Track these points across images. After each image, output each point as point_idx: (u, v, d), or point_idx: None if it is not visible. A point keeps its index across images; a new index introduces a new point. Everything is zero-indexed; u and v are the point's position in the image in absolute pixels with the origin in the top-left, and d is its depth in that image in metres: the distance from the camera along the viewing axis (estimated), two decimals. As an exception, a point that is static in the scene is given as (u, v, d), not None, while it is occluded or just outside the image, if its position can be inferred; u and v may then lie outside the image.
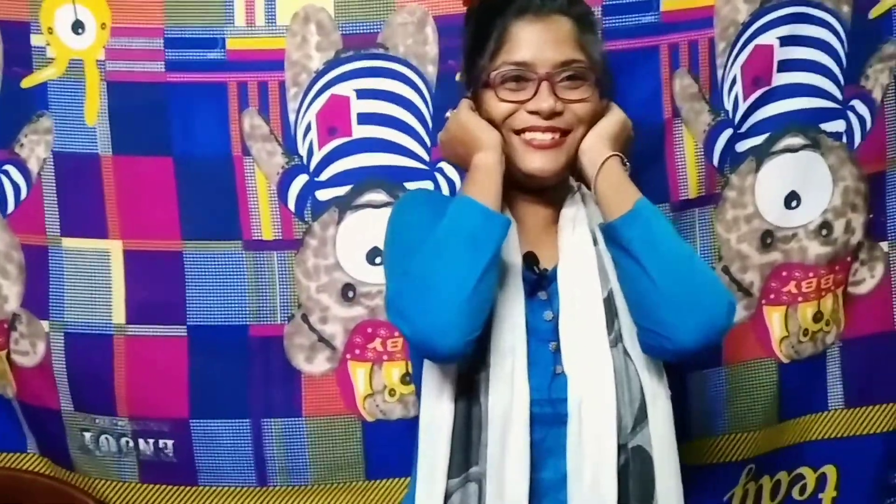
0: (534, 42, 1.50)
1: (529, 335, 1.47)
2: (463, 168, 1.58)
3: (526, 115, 1.50)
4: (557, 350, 1.49)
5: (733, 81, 1.93)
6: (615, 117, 1.56)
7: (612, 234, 1.46)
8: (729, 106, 1.94)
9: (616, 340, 1.49)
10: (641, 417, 1.48)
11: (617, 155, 1.51)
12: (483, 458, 1.44)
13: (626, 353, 1.49)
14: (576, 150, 1.52)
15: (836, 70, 1.96)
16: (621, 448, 1.46)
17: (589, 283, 1.51)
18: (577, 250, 1.53)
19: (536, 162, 1.50)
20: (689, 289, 1.41)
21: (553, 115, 1.48)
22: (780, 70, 1.93)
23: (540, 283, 1.52)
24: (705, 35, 1.90)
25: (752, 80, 1.93)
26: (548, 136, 1.50)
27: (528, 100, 1.49)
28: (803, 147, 1.96)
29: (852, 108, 1.98)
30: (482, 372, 1.45)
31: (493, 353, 1.45)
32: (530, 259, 1.51)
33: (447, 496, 1.45)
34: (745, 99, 1.94)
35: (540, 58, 1.49)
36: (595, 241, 1.53)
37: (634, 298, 1.46)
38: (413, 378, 1.58)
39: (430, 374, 1.48)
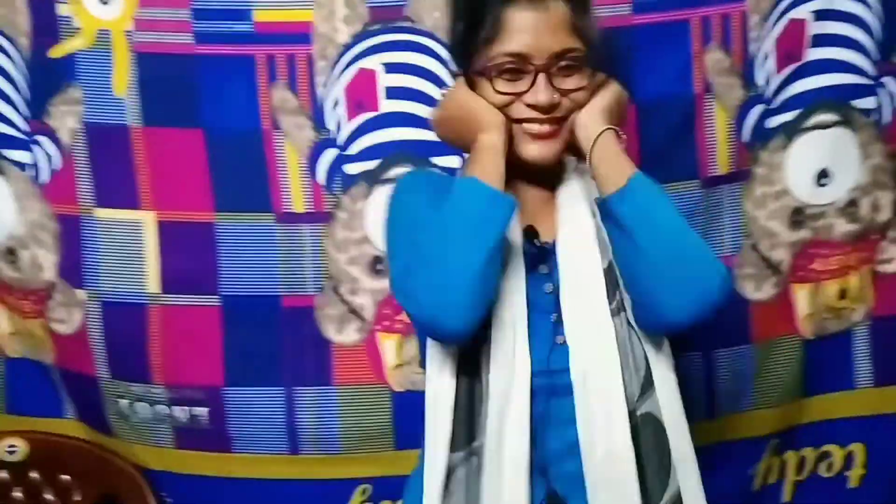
0: (529, 31, 1.45)
1: (530, 308, 1.47)
2: (459, 148, 1.57)
3: (523, 107, 1.47)
4: (559, 321, 1.48)
5: (766, 56, 1.91)
6: (610, 91, 1.51)
7: (605, 209, 1.45)
8: (762, 81, 1.92)
9: (618, 309, 1.48)
10: (647, 385, 1.47)
11: (611, 129, 1.47)
12: (483, 432, 1.45)
13: (629, 322, 1.48)
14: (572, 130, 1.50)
15: (870, 46, 1.92)
16: (630, 415, 1.45)
17: (589, 253, 1.50)
18: (575, 223, 1.52)
19: (534, 151, 1.48)
20: (681, 263, 1.40)
21: (551, 107, 1.46)
22: (813, 45, 1.90)
23: (540, 256, 1.51)
24: (738, 8, 1.88)
25: (784, 55, 1.91)
26: (546, 127, 1.48)
27: (525, 92, 1.46)
28: (835, 124, 1.94)
29: (883, 85, 1.95)
30: (483, 347, 1.46)
31: (494, 328, 1.45)
32: (530, 233, 1.51)
33: (451, 470, 1.46)
34: (777, 74, 1.91)
35: (536, 48, 1.44)
36: (594, 214, 1.51)
37: (627, 273, 1.45)
38: (420, 354, 1.61)
39: (433, 350, 1.50)
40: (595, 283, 1.48)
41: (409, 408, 1.98)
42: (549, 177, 1.56)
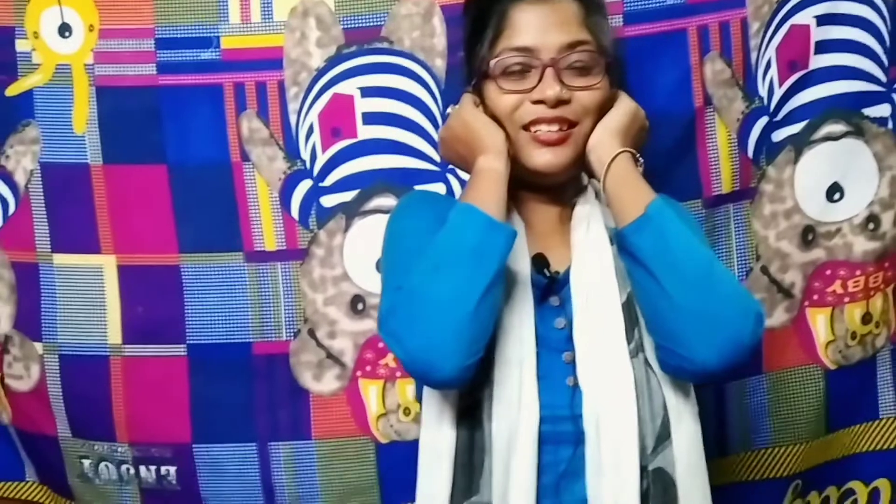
0: (536, 25, 1.39)
1: (539, 345, 1.35)
2: (463, 170, 1.48)
3: (531, 107, 1.39)
4: (572, 361, 1.36)
5: (768, 65, 1.81)
6: (624, 108, 1.43)
7: (622, 242, 1.34)
8: (764, 92, 1.82)
9: (637, 350, 1.36)
10: (664, 436, 1.34)
11: (627, 151, 1.38)
12: (487, 487, 1.32)
13: (647, 364, 1.36)
14: (584, 144, 1.40)
15: (879, 50, 1.82)
16: (642, 471, 1.32)
17: (606, 286, 1.38)
18: (591, 250, 1.41)
19: (543, 158, 1.39)
20: (710, 302, 1.29)
21: (559, 103, 1.37)
22: (817, 52, 1.80)
23: (551, 287, 1.39)
24: (737, 15, 1.78)
25: (787, 64, 1.81)
26: (554, 128, 1.38)
27: (533, 88, 1.38)
28: (845, 134, 1.83)
29: (897, 91, 1.86)
30: (486, 390, 1.33)
31: (497, 369, 1.33)
32: (540, 261, 1.39)
33: None
34: (780, 84, 1.81)
35: (543, 42, 1.38)
36: (612, 241, 1.40)
37: (650, 313, 1.34)
38: (417, 396, 1.48)
39: (431, 393, 1.37)
40: (613, 320, 1.37)
41: (396, 460, 1.84)
42: (563, 198, 1.46)
